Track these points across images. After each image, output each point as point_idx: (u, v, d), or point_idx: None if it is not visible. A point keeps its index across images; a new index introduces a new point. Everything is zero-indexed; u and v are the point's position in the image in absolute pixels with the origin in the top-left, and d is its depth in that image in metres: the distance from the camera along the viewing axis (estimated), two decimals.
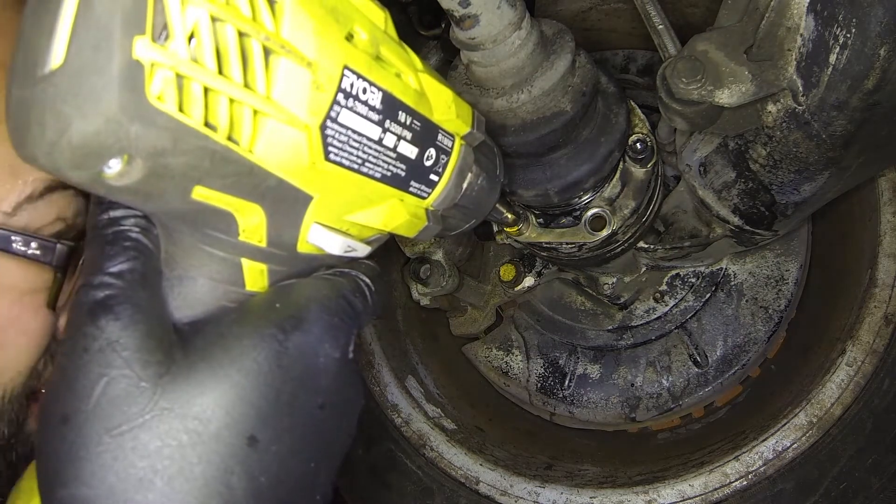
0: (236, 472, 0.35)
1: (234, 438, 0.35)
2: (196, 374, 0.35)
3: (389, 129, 0.37)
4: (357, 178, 0.37)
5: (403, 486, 1.05)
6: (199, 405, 0.34)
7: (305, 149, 0.33)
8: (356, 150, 0.36)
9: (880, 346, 0.88)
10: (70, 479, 0.34)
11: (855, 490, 0.84)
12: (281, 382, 0.36)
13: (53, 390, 0.36)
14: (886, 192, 0.96)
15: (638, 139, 0.88)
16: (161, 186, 0.30)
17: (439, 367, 1.25)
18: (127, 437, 0.34)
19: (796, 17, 0.65)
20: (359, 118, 0.35)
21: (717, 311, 1.18)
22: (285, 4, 0.31)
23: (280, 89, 0.31)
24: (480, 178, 0.48)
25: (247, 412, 0.35)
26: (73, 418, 0.34)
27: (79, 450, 0.34)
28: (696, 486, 0.90)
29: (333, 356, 0.39)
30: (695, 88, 0.72)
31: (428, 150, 0.41)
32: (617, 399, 1.23)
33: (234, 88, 0.30)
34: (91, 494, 0.33)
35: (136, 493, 0.33)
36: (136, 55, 0.26)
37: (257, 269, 0.38)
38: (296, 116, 0.32)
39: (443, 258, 1.14)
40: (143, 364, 0.34)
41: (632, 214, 0.90)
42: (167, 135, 0.28)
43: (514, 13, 0.65)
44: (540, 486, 0.99)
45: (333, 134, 0.34)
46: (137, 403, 0.34)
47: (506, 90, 0.71)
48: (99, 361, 0.34)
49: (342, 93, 0.33)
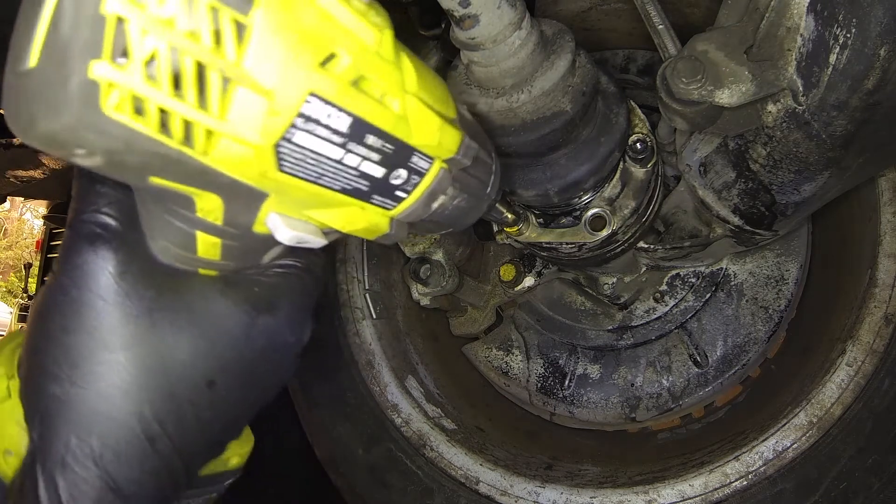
0: (193, 403, 0.43)
1: (197, 378, 0.43)
2: (178, 320, 0.42)
3: (352, 151, 0.38)
4: (314, 188, 0.38)
5: (403, 486, 1.05)
6: (177, 344, 0.42)
7: (257, 162, 0.34)
8: (313, 166, 0.37)
9: (880, 346, 0.88)
10: (64, 378, 0.40)
11: (855, 490, 0.84)
12: (245, 348, 0.44)
13: (55, 305, 0.41)
14: (886, 192, 0.95)
15: (638, 139, 0.88)
16: (120, 172, 0.34)
17: (439, 367, 1.25)
18: (118, 355, 0.40)
19: (796, 17, 0.65)
20: (317, 140, 0.36)
21: (717, 311, 1.18)
22: (253, 32, 0.32)
23: (235, 113, 0.32)
24: (457, 199, 0.48)
25: (213, 362, 0.43)
26: (74, 332, 0.40)
27: (76, 357, 0.40)
28: (696, 486, 0.90)
29: (289, 340, 0.47)
30: (695, 88, 0.72)
31: (397, 171, 0.41)
32: (617, 399, 1.23)
33: (188, 109, 0.31)
34: (80, 394, 0.40)
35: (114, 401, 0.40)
36: (92, 75, 0.29)
37: (211, 241, 0.41)
38: (247, 139, 0.33)
39: (443, 258, 1.14)
40: (138, 297, 0.41)
41: (632, 214, 0.90)
42: (120, 140, 0.31)
43: (514, 13, 0.65)
44: (540, 486, 0.99)
45: (288, 152, 0.35)
46: (129, 330, 0.40)
47: (506, 90, 0.71)
48: (101, 288, 0.40)
49: (301, 117, 0.34)
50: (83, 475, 0.40)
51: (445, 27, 1.12)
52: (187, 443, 0.43)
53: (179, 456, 0.43)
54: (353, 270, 1.19)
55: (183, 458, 0.43)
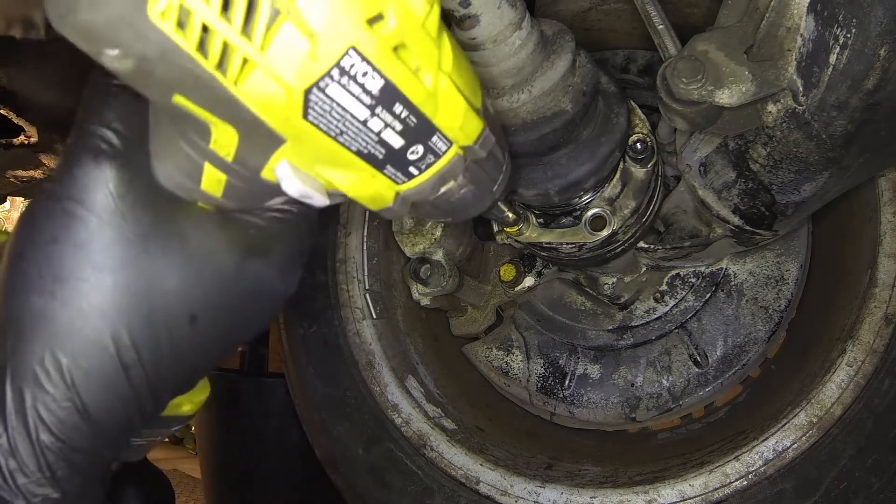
0: (172, 335, 0.42)
1: (180, 310, 0.42)
2: (170, 249, 0.41)
3: (378, 115, 0.38)
4: (332, 144, 0.38)
5: (403, 486, 1.05)
6: (165, 274, 0.41)
7: (284, 104, 0.34)
8: (337, 121, 0.37)
9: (880, 346, 0.88)
10: (46, 290, 0.39)
11: (855, 490, 0.84)
12: (232, 288, 0.44)
13: (46, 213, 0.40)
14: (886, 192, 0.95)
15: (638, 139, 0.88)
16: (146, 83, 0.34)
17: (439, 367, 1.25)
18: (105, 275, 0.39)
19: (796, 17, 0.65)
20: (348, 96, 0.36)
21: (717, 311, 1.18)
22: None
23: (276, 48, 0.32)
24: (465, 189, 0.48)
25: (198, 296, 0.42)
26: (63, 244, 0.39)
27: (60, 270, 0.39)
28: (696, 486, 0.90)
29: (278, 287, 0.47)
30: (695, 88, 0.72)
31: (415, 146, 0.41)
32: (617, 399, 1.23)
33: (231, 32, 0.31)
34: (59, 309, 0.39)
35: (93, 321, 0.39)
36: None
37: (217, 176, 0.40)
38: (282, 77, 0.33)
39: (443, 258, 1.14)
40: (135, 220, 0.40)
41: (632, 214, 0.90)
42: (157, 48, 0.31)
43: (514, 13, 0.65)
44: (540, 486, 0.99)
45: (317, 101, 0.35)
46: (119, 252, 0.40)
47: (506, 90, 0.71)
48: (98, 204, 0.39)
49: (338, 69, 0.34)
50: (52, 392, 0.39)
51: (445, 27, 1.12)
52: (160, 375, 0.43)
53: (150, 387, 0.42)
54: (353, 270, 1.19)
55: (153, 390, 0.43)
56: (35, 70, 1.29)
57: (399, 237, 1.16)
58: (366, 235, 1.20)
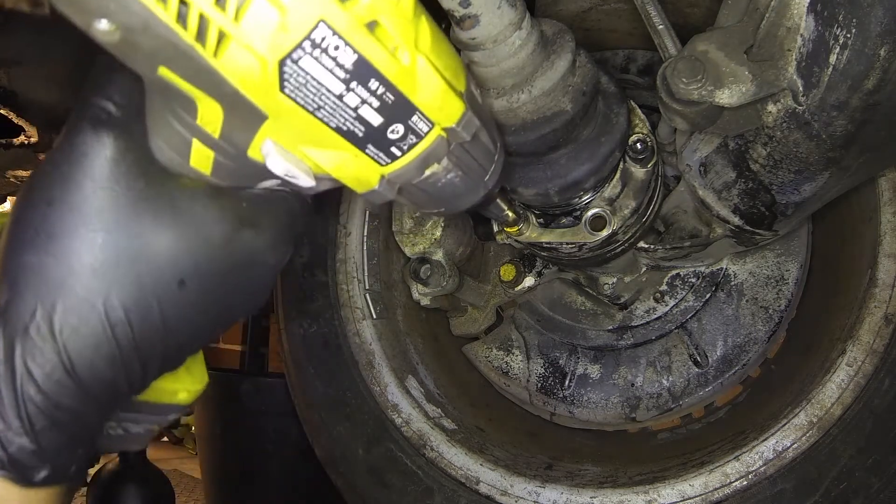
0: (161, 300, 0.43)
1: (169, 276, 0.43)
2: (162, 215, 0.42)
3: (354, 90, 0.38)
4: (311, 119, 0.39)
5: (403, 486, 1.05)
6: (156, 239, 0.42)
7: (261, 77, 0.35)
8: (313, 94, 0.37)
9: (880, 346, 0.88)
10: (41, 247, 0.41)
11: (855, 490, 0.84)
12: (222, 257, 0.44)
13: (44, 177, 0.42)
14: (886, 192, 0.95)
15: (638, 139, 0.88)
16: (133, 55, 0.35)
17: (439, 367, 1.25)
18: (97, 235, 0.41)
19: (796, 17, 0.66)
20: (322, 69, 0.36)
21: (717, 311, 1.18)
22: None
23: (248, 19, 0.33)
24: (451, 173, 0.48)
25: (187, 263, 0.43)
26: (59, 205, 0.41)
27: (55, 229, 0.41)
28: (696, 486, 0.90)
29: (268, 260, 0.47)
30: (695, 88, 0.72)
31: (395, 125, 0.42)
32: (617, 399, 1.23)
33: (207, 5, 0.32)
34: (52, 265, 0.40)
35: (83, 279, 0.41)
36: None
37: (205, 153, 0.41)
38: (255, 48, 0.34)
39: (443, 258, 1.14)
40: (128, 186, 0.41)
41: (632, 214, 0.90)
42: (138, 18, 0.32)
43: (514, 13, 0.65)
44: (540, 486, 0.99)
45: (292, 73, 0.36)
46: (112, 215, 0.41)
47: (506, 90, 0.72)
48: (94, 169, 0.41)
49: (310, 42, 0.35)
50: (41, 346, 0.40)
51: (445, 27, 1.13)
52: (147, 340, 0.43)
53: (137, 350, 0.43)
54: (353, 270, 1.19)
55: (140, 353, 0.43)
56: (35, 70, 1.29)
57: (399, 237, 1.16)
58: (366, 235, 1.20)
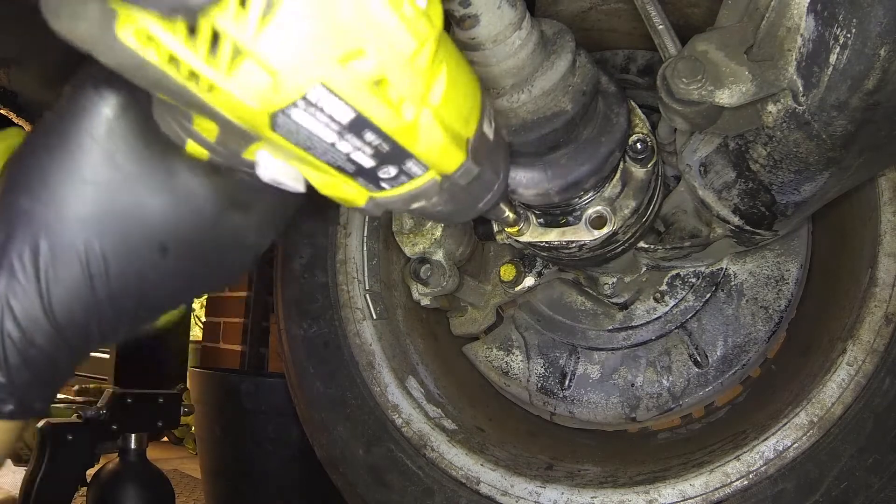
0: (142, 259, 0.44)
1: (153, 238, 0.44)
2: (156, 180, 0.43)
3: (347, 140, 0.38)
4: (302, 152, 0.39)
5: (404, 487, 1.05)
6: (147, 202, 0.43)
7: (252, 119, 0.35)
8: (305, 138, 0.37)
9: (881, 345, 0.88)
10: (34, 193, 0.42)
11: (856, 489, 0.84)
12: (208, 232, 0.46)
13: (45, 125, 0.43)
14: (886, 192, 0.95)
15: (638, 139, 0.88)
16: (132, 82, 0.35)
17: (440, 367, 1.25)
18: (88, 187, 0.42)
19: (796, 17, 0.66)
20: (315, 122, 0.36)
21: (717, 311, 1.18)
22: (277, 12, 0.31)
23: (239, 78, 0.33)
24: (440, 206, 0.47)
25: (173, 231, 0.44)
26: (56, 154, 0.42)
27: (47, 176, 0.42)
28: (696, 486, 0.90)
29: (252, 242, 0.49)
30: (695, 88, 0.72)
31: (387, 168, 0.41)
32: (617, 399, 1.23)
33: (196, 61, 0.32)
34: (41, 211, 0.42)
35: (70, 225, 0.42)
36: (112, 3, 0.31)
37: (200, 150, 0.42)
38: (245, 103, 0.34)
39: (443, 258, 1.14)
40: (126, 146, 0.42)
41: (632, 214, 0.90)
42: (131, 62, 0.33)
43: (514, 13, 0.65)
44: (540, 486, 0.99)
45: (283, 123, 0.36)
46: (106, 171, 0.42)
47: (506, 90, 0.72)
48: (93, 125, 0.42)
49: (304, 101, 0.34)
50: (24, 284, 0.42)
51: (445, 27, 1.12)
52: (123, 294, 0.45)
53: (111, 302, 0.44)
54: (353, 270, 1.19)
55: (114, 307, 0.45)
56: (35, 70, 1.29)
57: (399, 237, 1.16)
58: (366, 236, 1.20)
